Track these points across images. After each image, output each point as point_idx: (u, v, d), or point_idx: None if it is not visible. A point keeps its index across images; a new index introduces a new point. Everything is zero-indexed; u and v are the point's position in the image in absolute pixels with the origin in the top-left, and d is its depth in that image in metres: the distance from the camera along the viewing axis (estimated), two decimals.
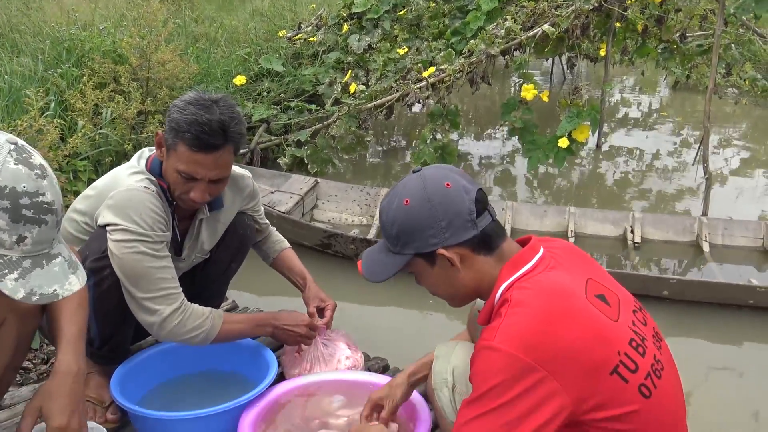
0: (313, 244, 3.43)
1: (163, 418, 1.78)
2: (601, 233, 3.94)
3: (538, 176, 5.20)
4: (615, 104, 7.52)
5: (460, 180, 1.37)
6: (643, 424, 1.27)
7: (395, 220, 1.37)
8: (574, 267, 1.39)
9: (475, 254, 1.36)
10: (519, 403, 1.21)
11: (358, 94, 4.65)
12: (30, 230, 1.09)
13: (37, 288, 1.11)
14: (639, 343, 1.31)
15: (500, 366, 1.22)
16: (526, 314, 1.25)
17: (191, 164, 1.76)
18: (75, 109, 3.69)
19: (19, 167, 1.09)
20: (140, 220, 1.77)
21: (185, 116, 1.73)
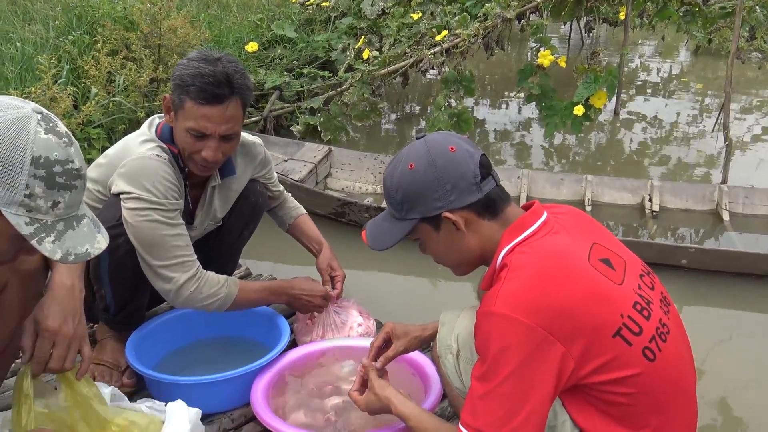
0: (326, 212, 3.42)
1: (177, 382, 1.81)
2: (618, 202, 3.89)
3: (554, 144, 5.12)
4: (634, 70, 7.36)
5: (463, 144, 1.37)
6: (645, 388, 1.27)
7: (399, 184, 1.37)
8: (579, 232, 1.38)
9: (480, 218, 1.35)
10: (526, 369, 1.21)
11: (372, 60, 4.58)
12: (63, 195, 1.14)
13: (72, 248, 1.16)
14: (644, 306, 1.30)
15: (502, 331, 1.22)
16: (525, 277, 1.25)
17: (200, 119, 1.74)
18: (88, 76, 3.68)
19: (49, 137, 1.12)
20: (153, 188, 1.76)
21: (188, 71, 1.71)
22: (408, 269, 3.16)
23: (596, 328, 1.23)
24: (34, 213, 1.11)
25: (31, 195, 1.10)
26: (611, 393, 1.27)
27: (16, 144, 1.08)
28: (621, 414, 1.29)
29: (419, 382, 1.84)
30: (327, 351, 2.01)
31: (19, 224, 1.10)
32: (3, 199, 1.09)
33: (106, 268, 1.87)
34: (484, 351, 1.25)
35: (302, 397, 1.87)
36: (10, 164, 1.08)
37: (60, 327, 1.34)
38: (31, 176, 1.09)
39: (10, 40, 3.92)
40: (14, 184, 1.08)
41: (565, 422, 1.32)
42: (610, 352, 1.24)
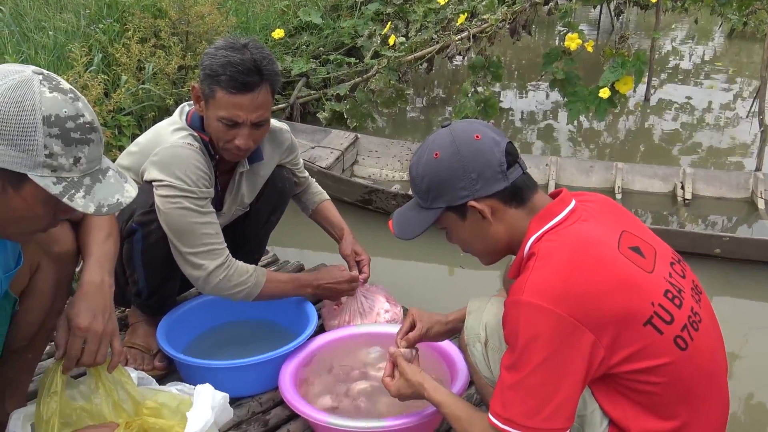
0: (353, 199, 3.43)
1: (208, 366, 1.84)
2: (649, 189, 3.83)
3: (582, 131, 5.05)
4: (665, 55, 7.21)
5: (489, 132, 1.36)
6: (676, 377, 1.26)
7: (425, 173, 1.36)
8: (608, 220, 1.36)
9: (506, 207, 1.35)
10: (556, 359, 1.21)
11: (398, 46, 4.55)
12: (82, 150, 1.15)
13: (103, 200, 1.18)
14: (675, 295, 1.29)
15: (531, 320, 1.21)
16: (553, 266, 1.24)
17: (231, 108, 1.75)
18: (119, 63, 3.72)
19: (55, 95, 1.14)
20: (185, 176, 1.78)
21: (218, 60, 1.73)
22: (435, 257, 3.16)
23: (626, 316, 1.22)
24: (59, 172, 1.13)
25: (51, 154, 1.11)
26: (641, 382, 1.26)
27: (24, 107, 1.10)
28: (651, 403, 1.28)
29: (446, 369, 1.84)
30: (354, 337, 2.03)
31: (47, 185, 1.12)
32: (26, 163, 1.11)
33: (139, 253, 1.90)
34: (513, 340, 1.25)
35: (329, 382, 1.89)
36: (23, 127, 1.09)
37: (90, 324, 1.37)
38: (46, 136, 1.11)
39: (43, 29, 3.98)
40: (32, 146, 1.10)
41: (594, 411, 1.31)
42: (640, 341, 1.23)
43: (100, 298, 1.41)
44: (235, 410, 1.82)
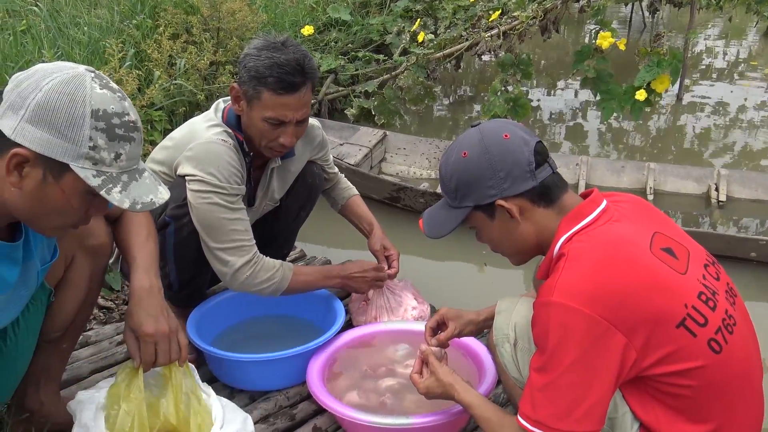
0: (381, 197, 3.43)
1: (236, 359, 1.86)
2: (682, 191, 3.75)
3: (612, 129, 4.99)
4: (698, 54, 7.07)
5: (518, 132, 1.35)
6: (710, 381, 1.24)
7: (453, 172, 1.37)
8: (640, 220, 1.35)
9: (535, 206, 1.34)
10: (587, 361, 1.20)
11: (427, 43, 4.54)
12: (123, 147, 1.19)
13: (138, 198, 1.21)
14: (709, 297, 1.27)
15: (562, 322, 1.20)
16: (583, 266, 1.23)
17: (278, 108, 1.79)
18: (151, 59, 3.77)
19: (104, 91, 1.17)
20: (217, 172, 1.81)
21: (263, 62, 1.75)
22: (463, 255, 3.15)
23: (659, 318, 1.21)
24: (99, 165, 1.17)
25: (94, 147, 1.15)
26: (674, 385, 1.24)
27: (75, 99, 1.14)
28: (683, 407, 1.26)
29: (474, 367, 1.84)
30: (382, 333, 2.03)
31: (87, 177, 1.16)
32: (70, 153, 1.14)
33: (171, 246, 1.93)
34: (542, 342, 1.24)
35: (356, 378, 1.90)
36: (72, 118, 1.13)
37: (156, 329, 1.41)
38: (92, 129, 1.14)
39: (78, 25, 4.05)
40: (78, 137, 1.14)
41: (625, 414, 1.30)
42: (673, 343, 1.22)
43: (154, 301, 1.44)
44: (262, 404, 1.84)
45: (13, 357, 1.47)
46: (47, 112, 1.12)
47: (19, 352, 1.48)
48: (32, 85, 1.14)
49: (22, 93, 1.13)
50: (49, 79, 1.14)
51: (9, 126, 1.13)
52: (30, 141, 1.13)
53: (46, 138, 1.13)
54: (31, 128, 1.12)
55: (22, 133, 1.13)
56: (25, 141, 1.13)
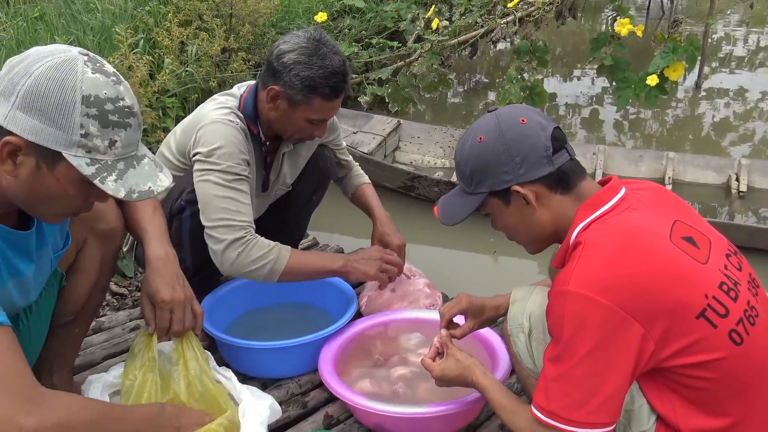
0: (395, 186, 3.40)
1: (248, 346, 1.85)
2: (701, 181, 3.70)
3: (629, 118, 4.92)
4: (718, 41, 6.96)
5: (535, 117, 1.33)
6: (730, 373, 1.21)
7: (469, 158, 1.34)
8: (660, 209, 1.31)
9: (552, 193, 1.31)
10: (603, 351, 1.17)
11: (441, 30, 4.49)
12: (118, 134, 1.16)
13: (135, 186, 1.18)
14: (731, 287, 1.23)
15: (577, 312, 1.18)
16: (600, 255, 1.20)
17: (326, 111, 1.86)
18: (162, 46, 3.76)
19: (97, 76, 1.14)
20: (215, 150, 1.81)
21: (318, 72, 1.78)
22: (476, 244, 3.13)
23: (678, 308, 1.18)
24: (93, 153, 1.13)
25: (86, 134, 1.12)
26: (693, 377, 1.21)
27: (65, 85, 1.10)
28: (702, 399, 1.23)
29: (487, 357, 1.82)
30: (394, 322, 2.01)
31: (80, 165, 1.13)
32: (61, 141, 1.11)
33: (186, 231, 1.92)
34: (557, 332, 1.22)
35: (368, 366, 1.88)
36: (62, 104, 1.10)
37: (173, 296, 1.42)
38: (83, 115, 1.11)
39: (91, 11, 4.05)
40: (69, 124, 1.10)
41: (642, 407, 1.27)
42: (693, 334, 1.18)
43: (170, 269, 1.46)
44: (273, 391, 1.83)
45: (26, 341, 1.46)
46: (37, 99, 1.09)
47: (32, 336, 1.48)
48: (23, 71, 1.11)
49: (13, 79, 1.11)
50: (40, 64, 1.11)
51: (1, 113, 1.10)
52: (21, 129, 1.10)
53: (37, 126, 1.10)
54: (22, 116, 1.10)
55: (13, 121, 1.10)
56: (16, 129, 1.10)
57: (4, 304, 1.29)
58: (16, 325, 1.44)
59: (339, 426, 1.76)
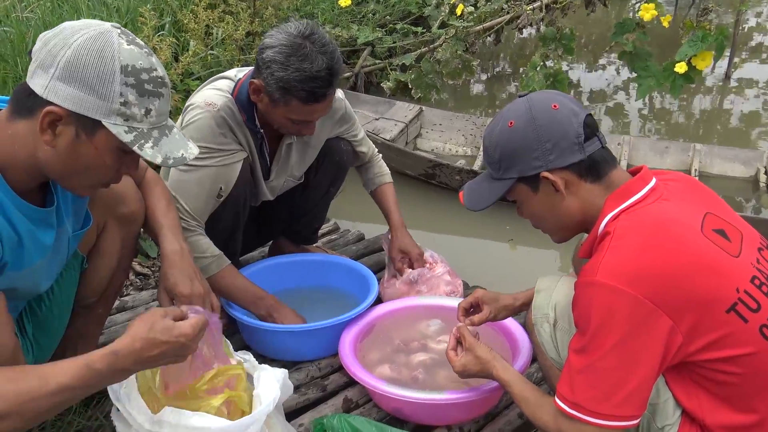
0: (417, 173, 3.39)
1: (270, 329, 1.86)
2: (729, 173, 3.62)
3: (654, 109, 4.84)
4: (749, 31, 6.80)
5: (568, 103, 1.30)
6: (758, 369, 1.19)
7: (498, 142, 1.32)
8: (691, 200, 1.29)
9: (581, 181, 1.29)
10: (630, 343, 1.16)
11: (466, 16, 4.44)
12: (153, 103, 1.19)
13: (169, 153, 1.22)
14: (763, 282, 1.21)
15: (605, 303, 1.16)
16: (629, 246, 1.18)
17: (307, 113, 1.79)
18: (188, 29, 3.77)
19: (132, 47, 1.17)
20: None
21: (293, 74, 1.70)
22: (498, 233, 3.10)
23: (708, 301, 1.16)
24: (130, 122, 1.17)
25: (125, 103, 1.15)
26: (721, 372, 1.20)
27: (104, 55, 1.13)
28: (729, 395, 1.22)
29: (507, 346, 1.81)
30: (415, 308, 2.01)
31: (119, 133, 1.16)
32: (102, 109, 1.14)
33: None
34: (584, 324, 1.20)
35: (388, 352, 1.89)
36: (103, 74, 1.13)
37: (191, 289, 1.44)
38: (123, 84, 1.14)
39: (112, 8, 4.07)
40: (109, 93, 1.14)
41: (667, 401, 1.26)
42: (722, 328, 1.17)
43: (186, 262, 1.47)
44: (294, 374, 1.85)
45: (48, 322, 1.49)
46: (78, 69, 1.12)
47: (54, 317, 1.51)
48: (60, 43, 1.13)
49: (51, 51, 1.13)
50: (78, 36, 1.13)
51: (40, 84, 1.13)
52: (62, 99, 1.13)
53: (78, 95, 1.13)
54: (63, 86, 1.12)
55: (54, 91, 1.12)
56: (57, 99, 1.13)
57: (30, 284, 1.31)
58: (39, 307, 1.47)
59: (358, 410, 1.76)
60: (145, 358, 1.14)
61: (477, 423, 1.72)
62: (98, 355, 1.11)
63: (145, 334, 1.13)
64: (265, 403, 1.35)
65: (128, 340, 1.13)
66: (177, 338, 1.16)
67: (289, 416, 1.64)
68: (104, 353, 1.11)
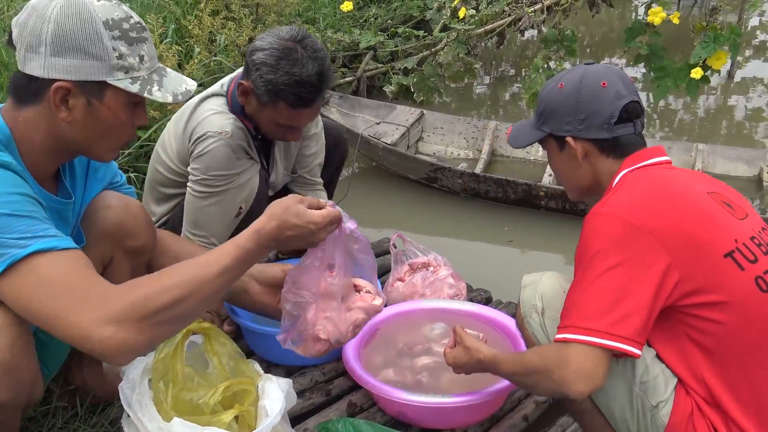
0: (418, 177, 3.39)
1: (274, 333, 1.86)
2: (731, 173, 3.61)
3: (657, 109, 4.83)
4: (752, 29, 6.78)
5: (618, 84, 1.39)
6: (741, 319, 1.20)
7: (545, 98, 1.46)
8: (700, 180, 1.38)
9: (602, 155, 1.40)
10: (627, 268, 1.18)
11: (468, 19, 4.44)
12: (142, 48, 1.22)
13: (175, 89, 1.26)
14: (762, 243, 1.26)
15: (608, 228, 1.23)
16: (638, 190, 1.29)
17: (293, 119, 1.81)
18: (192, 35, 3.79)
19: (102, 2, 1.19)
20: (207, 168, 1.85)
21: (281, 77, 1.72)
22: (499, 236, 3.11)
23: (706, 243, 1.21)
24: (131, 72, 1.19)
25: (121, 56, 1.18)
26: (708, 320, 1.20)
27: (83, 17, 1.15)
28: (712, 347, 1.22)
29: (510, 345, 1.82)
30: (418, 311, 2.02)
31: (126, 86, 1.19)
32: (102, 69, 1.17)
33: None
34: (584, 251, 1.25)
35: (392, 355, 1.90)
36: (90, 35, 1.15)
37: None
38: (111, 39, 1.17)
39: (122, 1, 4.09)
40: (103, 52, 1.16)
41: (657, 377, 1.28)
42: (718, 272, 1.21)
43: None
44: (298, 379, 1.85)
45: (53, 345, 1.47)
46: (66, 39, 1.14)
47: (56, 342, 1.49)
48: (39, 20, 1.15)
49: (33, 31, 1.15)
50: (50, 7, 1.15)
51: (38, 66, 1.15)
52: (64, 71, 1.15)
53: (77, 63, 1.15)
54: (59, 60, 1.14)
55: (53, 68, 1.15)
56: (59, 74, 1.15)
57: None
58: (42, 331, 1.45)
59: (362, 414, 1.77)
60: (281, 238, 1.23)
61: (481, 426, 1.73)
62: (245, 236, 1.21)
63: (279, 215, 1.23)
64: (272, 416, 1.36)
65: (265, 219, 1.23)
66: (306, 224, 1.23)
67: (293, 421, 1.65)
68: (249, 233, 1.21)
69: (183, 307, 1.11)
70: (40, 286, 1.05)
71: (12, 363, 1.15)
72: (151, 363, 1.43)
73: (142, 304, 1.08)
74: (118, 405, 1.62)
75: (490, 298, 2.33)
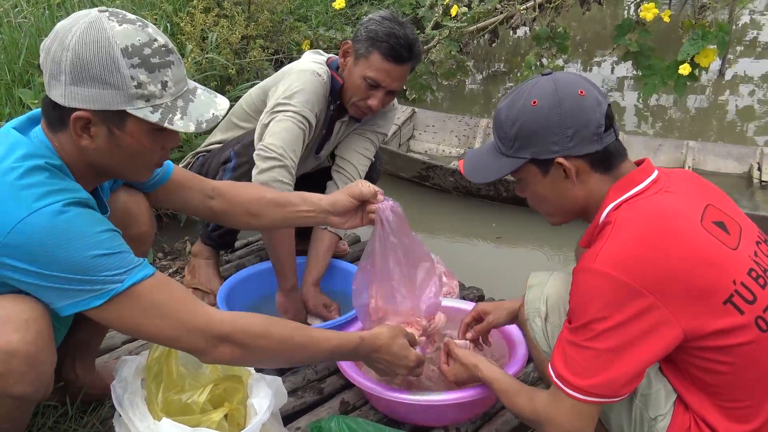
0: (410, 176, 3.40)
1: None
2: (722, 170, 3.64)
3: (649, 106, 4.85)
4: (742, 27, 6.81)
5: (594, 91, 1.29)
6: (747, 359, 1.20)
7: (517, 119, 1.29)
8: (692, 192, 1.31)
9: (593, 170, 1.29)
10: (623, 330, 1.17)
11: (460, 16, 4.45)
12: (165, 74, 1.19)
13: (200, 117, 1.23)
14: (760, 275, 1.23)
15: (601, 290, 1.18)
16: (629, 236, 1.20)
17: (381, 72, 1.95)
18: (184, 33, 3.77)
19: (125, 26, 1.17)
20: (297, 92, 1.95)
21: (384, 28, 1.93)
22: (491, 236, 3.12)
23: (704, 293, 1.18)
24: (152, 101, 1.17)
25: (140, 84, 1.15)
26: (712, 361, 1.21)
27: (101, 45, 1.13)
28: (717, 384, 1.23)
29: (505, 345, 1.82)
30: None
31: (146, 115, 1.17)
32: (120, 99, 1.15)
33: None
34: (578, 309, 1.22)
35: None
36: (107, 64, 1.13)
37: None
38: (129, 67, 1.14)
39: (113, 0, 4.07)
40: (120, 81, 1.14)
41: (659, 390, 1.29)
42: (720, 320, 1.18)
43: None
44: (290, 377, 1.85)
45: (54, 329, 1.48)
46: (83, 68, 1.13)
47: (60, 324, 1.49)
48: (59, 48, 1.14)
49: (54, 58, 1.14)
50: (71, 34, 1.14)
51: (59, 94, 1.15)
52: (83, 101, 1.14)
53: (94, 93, 1.14)
54: (77, 89, 1.14)
55: (72, 97, 1.14)
56: (78, 103, 1.14)
57: None
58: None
59: (355, 412, 1.77)
60: (373, 358, 1.42)
61: (474, 423, 1.73)
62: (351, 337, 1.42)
63: (385, 340, 1.42)
64: (261, 413, 1.36)
65: (373, 336, 1.44)
66: (400, 361, 1.46)
67: (285, 420, 1.65)
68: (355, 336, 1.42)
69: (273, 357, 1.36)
70: (149, 310, 1.20)
71: (36, 357, 1.17)
72: (145, 362, 1.43)
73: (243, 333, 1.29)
74: (109, 404, 1.62)
75: (483, 296, 2.33)
